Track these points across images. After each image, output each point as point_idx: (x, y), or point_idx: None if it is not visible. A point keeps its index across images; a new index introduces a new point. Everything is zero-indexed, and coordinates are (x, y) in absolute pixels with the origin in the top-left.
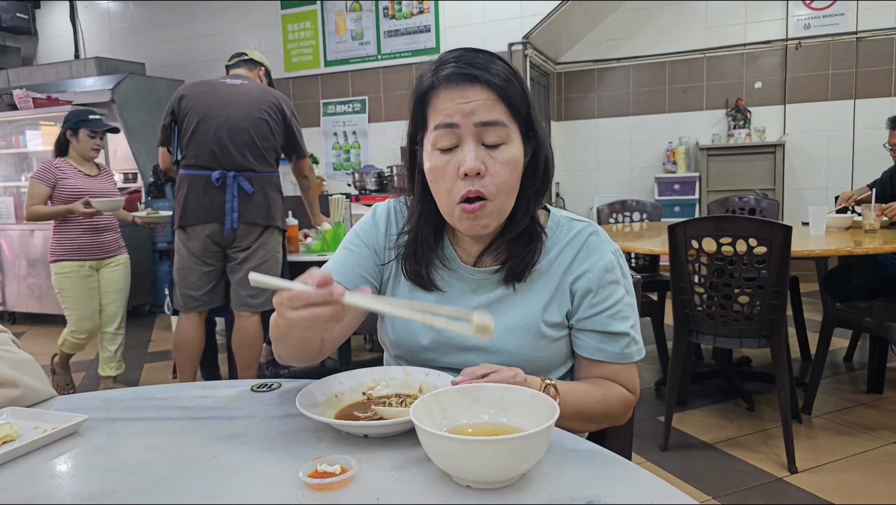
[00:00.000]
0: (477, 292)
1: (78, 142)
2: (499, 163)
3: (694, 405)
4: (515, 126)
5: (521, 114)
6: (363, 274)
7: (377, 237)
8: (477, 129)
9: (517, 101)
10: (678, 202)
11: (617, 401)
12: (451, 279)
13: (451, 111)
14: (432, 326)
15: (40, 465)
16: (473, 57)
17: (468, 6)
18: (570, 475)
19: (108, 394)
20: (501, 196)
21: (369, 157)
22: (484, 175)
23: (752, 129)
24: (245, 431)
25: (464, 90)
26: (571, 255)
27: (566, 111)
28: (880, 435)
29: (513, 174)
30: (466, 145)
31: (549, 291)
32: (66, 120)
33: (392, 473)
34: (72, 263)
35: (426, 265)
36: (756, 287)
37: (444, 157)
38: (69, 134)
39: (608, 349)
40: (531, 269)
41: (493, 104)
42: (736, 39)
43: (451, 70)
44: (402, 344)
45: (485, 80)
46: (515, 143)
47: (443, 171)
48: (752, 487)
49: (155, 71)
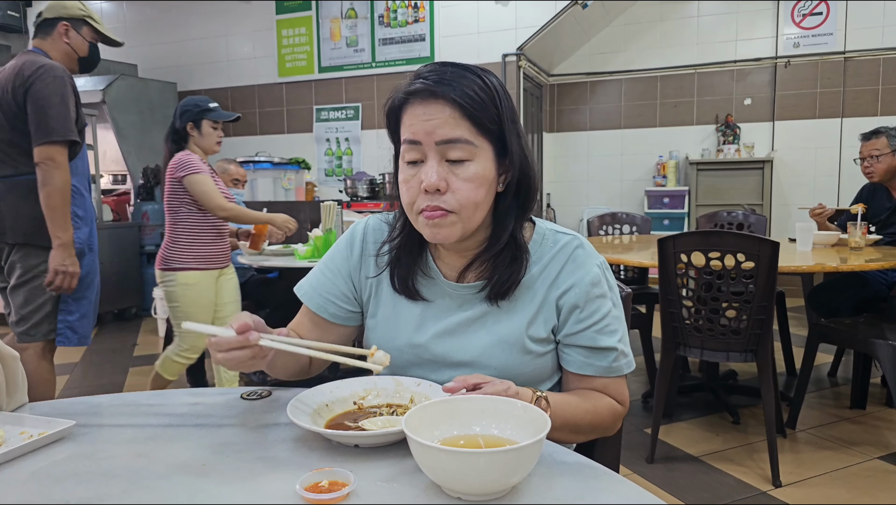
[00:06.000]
0: (462, 308)
1: (201, 135)
2: (461, 179)
3: (680, 418)
4: (486, 143)
5: (492, 131)
6: (332, 299)
7: (351, 260)
8: (439, 147)
9: (486, 118)
10: (668, 215)
11: (606, 413)
12: (436, 292)
13: (415, 128)
14: (414, 344)
15: (26, 471)
16: (444, 73)
17: (463, 16)
18: (560, 487)
19: (95, 399)
20: (465, 210)
21: (361, 164)
22: (445, 191)
23: (741, 145)
24: (235, 439)
25: (427, 107)
26: (557, 269)
27: (558, 123)
28: (863, 450)
29: (477, 191)
30: (429, 162)
31: (535, 306)
32: (185, 111)
33: (383, 483)
34: (201, 272)
35: (411, 275)
36: (743, 301)
37: (410, 171)
38: (190, 127)
39: (596, 364)
40: (514, 288)
41: (457, 121)
42: (726, 56)
43: (418, 86)
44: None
45: (448, 97)
46: (483, 160)
47: (408, 185)
48: (736, 500)
49: (147, 73)
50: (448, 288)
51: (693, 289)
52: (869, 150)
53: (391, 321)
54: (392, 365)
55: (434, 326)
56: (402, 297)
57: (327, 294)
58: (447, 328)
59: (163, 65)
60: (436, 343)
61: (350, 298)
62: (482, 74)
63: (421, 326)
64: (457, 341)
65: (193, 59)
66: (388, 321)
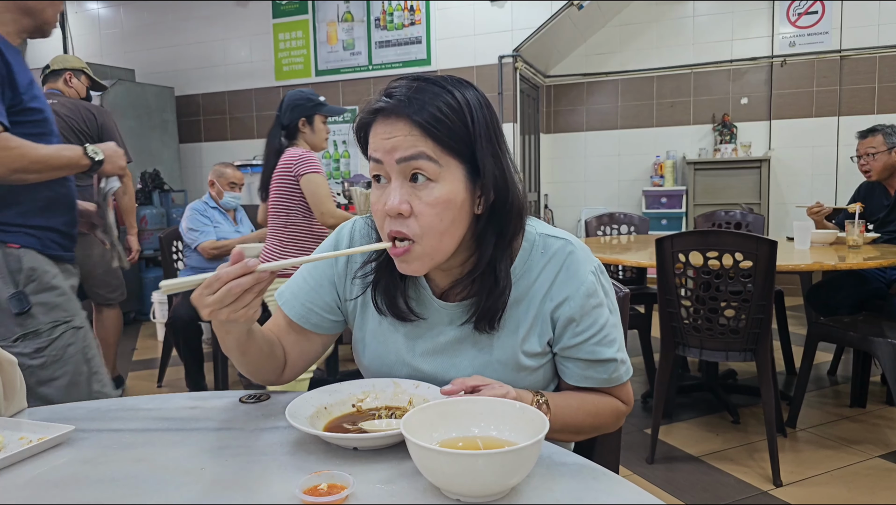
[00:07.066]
0: (452, 324)
1: (313, 131)
2: (424, 203)
3: (680, 418)
4: (455, 162)
5: (460, 151)
6: (314, 309)
7: (336, 266)
8: (400, 166)
9: (451, 137)
10: (665, 215)
11: (609, 413)
12: (424, 309)
13: (376, 146)
14: (406, 364)
15: (25, 476)
16: (410, 89)
17: (459, 18)
18: (559, 489)
19: (94, 404)
20: (429, 238)
21: (358, 167)
22: (409, 215)
23: (738, 144)
24: (234, 442)
25: (388, 125)
26: (549, 279)
27: (555, 124)
28: (863, 449)
29: (441, 216)
30: (392, 183)
31: (528, 320)
32: (296, 105)
33: (382, 486)
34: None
35: (393, 296)
36: (742, 301)
37: (377, 193)
38: (302, 123)
39: (595, 376)
40: (499, 318)
41: (417, 140)
42: (723, 56)
43: (381, 105)
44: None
45: (407, 116)
46: (450, 182)
47: (376, 206)
48: (737, 500)
49: (145, 78)
50: (436, 305)
51: (691, 288)
52: (866, 148)
53: (378, 338)
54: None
55: (423, 344)
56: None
57: (310, 304)
58: (436, 347)
59: (160, 69)
60: (425, 362)
61: (334, 307)
62: (455, 89)
63: (410, 344)
64: (447, 361)
65: (191, 64)
66: (375, 338)
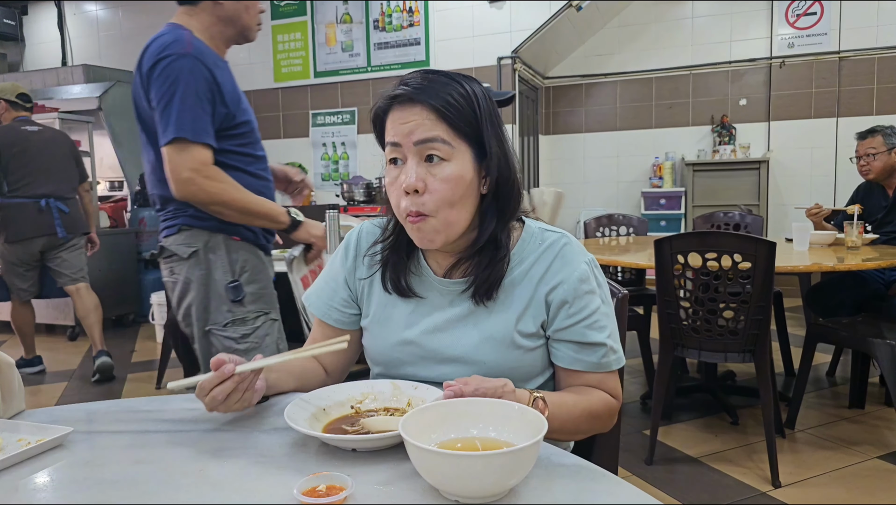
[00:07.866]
0: (452, 304)
1: None
2: (438, 179)
3: (679, 419)
4: (465, 144)
5: (470, 134)
6: (334, 305)
7: (346, 264)
8: (417, 147)
9: (462, 121)
10: (664, 217)
11: (602, 410)
12: (426, 288)
13: (395, 131)
14: (406, 340)
15: (23, 478)
16: (423, 80)
17: (458, 20)
18: (558, 490)
19: (93, 406)
20: (443, 212)
21: (357, 168)
22: (423, 192)
23: (736, 146)
24: (233, 444)
25: (405, 111)
26: (545, 265)
27: (554, 125)
28: (862, 450)
29: (454, 190)
30: (409, 163)
31: (524, 302)
32: None
33: (380, 487)
34: None
35: (401, 274)
36: (741, 302)
37: (394, 174)
38: None
39: (585, 359)
40: (497, 287)
41: (433, 123)
42: (721, 57)
43: (399, 92)
44: (379, 360)
45: (426, 102)
46: (460, 161)
47: (392, 186)
48: (736, 501)
49: None
50: (437, 284)
51: (690, 290)
52: (865, 149)
53: (382, 320)
54: (384, 362)
55: (424, 322)
56: (392, 295)
57: (329, 301)
58: (437, 324)
59: None
60: (427, 339)
61: (350, 301)
62: (463, 81)
63: (412, 323)
64: (447, 337)
65: None
66: (379, 321)
